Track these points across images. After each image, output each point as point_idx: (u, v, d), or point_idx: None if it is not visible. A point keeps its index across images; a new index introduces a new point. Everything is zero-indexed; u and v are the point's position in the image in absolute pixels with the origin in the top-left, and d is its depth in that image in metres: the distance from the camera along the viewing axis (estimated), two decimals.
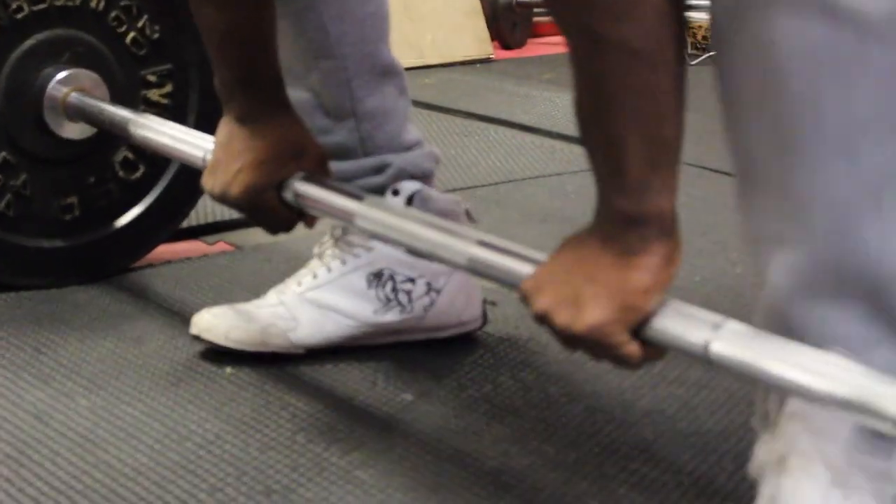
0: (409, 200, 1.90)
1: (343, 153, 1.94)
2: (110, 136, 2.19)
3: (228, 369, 1.94)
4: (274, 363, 1.95)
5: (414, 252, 1.64)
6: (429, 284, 1.97)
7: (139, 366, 1.94)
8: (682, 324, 1.31)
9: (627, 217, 1.34)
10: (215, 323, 1.96)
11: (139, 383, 1.89)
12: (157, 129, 2.02)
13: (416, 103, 3.71)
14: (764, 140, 1.22)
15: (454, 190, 2.89)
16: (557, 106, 3.69)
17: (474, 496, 1.62)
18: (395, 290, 1.96)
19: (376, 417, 1.81)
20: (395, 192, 1.90)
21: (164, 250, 2.36)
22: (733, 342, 1.26)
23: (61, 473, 1.65)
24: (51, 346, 2.00)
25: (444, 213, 1.88)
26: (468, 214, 1.98)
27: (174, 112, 2.27)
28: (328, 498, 1.60)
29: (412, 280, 1.96)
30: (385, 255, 1.95)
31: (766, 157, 1.23)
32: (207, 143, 1.88)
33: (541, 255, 1.44)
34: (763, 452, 1.33)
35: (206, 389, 1.88)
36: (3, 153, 2.18)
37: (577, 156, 3.12)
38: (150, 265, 2.33)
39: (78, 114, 2.19)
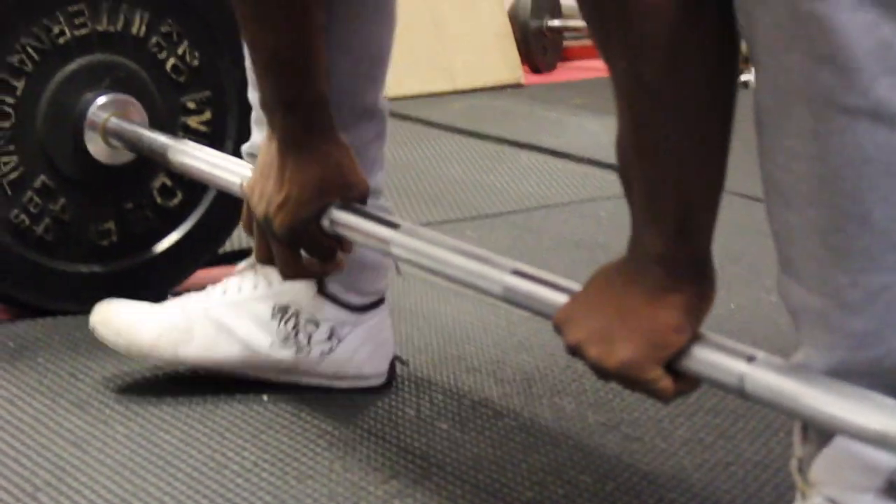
0: None
1: None
2: (149, 161, 2.19)
3: (265, 396, 1.93)
4: (311, 390, 1.94)
5: (450, 280, 1.63)
6: (332, 330, 1.94)
7: (176, 392, 1.94)
8: (717, 356, 1.30)
9: (662, 257, 1.33)
10: (113, 318, 1.93)
11: (177, 410, 1.89)
12: (196, 156, 2.02)
13: (447, 128, 3.74)
14: (808, 231, 1.20)
15: (485, 216, 2.89)
16: (589, 131, 3.69)
17: None
18: (296, 328, 1.93)
19: (412, 447, 1.80)
20: None
21: (201, 276, 2.36)
22: (768, 375, 1.26)
23: (100, 501, 1.64)
24: (88, 373, 2.00)
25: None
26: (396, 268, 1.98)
27: (212, 139, 2.27)
28: None
29: (316, 323, 1.93)
30: (296, 291, 1.92)
31: (810, 247, 1.21)
32: (245, 170, 1.88)
33: (575, 286, 1.43)
34: None
35: (244, 417, 1.87)
36: (43, 177, 2.18)
37: (609, 182, 3.11)
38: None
39: (117, 139, 2.19)
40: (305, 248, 1.76)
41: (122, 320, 1.93)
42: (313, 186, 1.72)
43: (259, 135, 1.93)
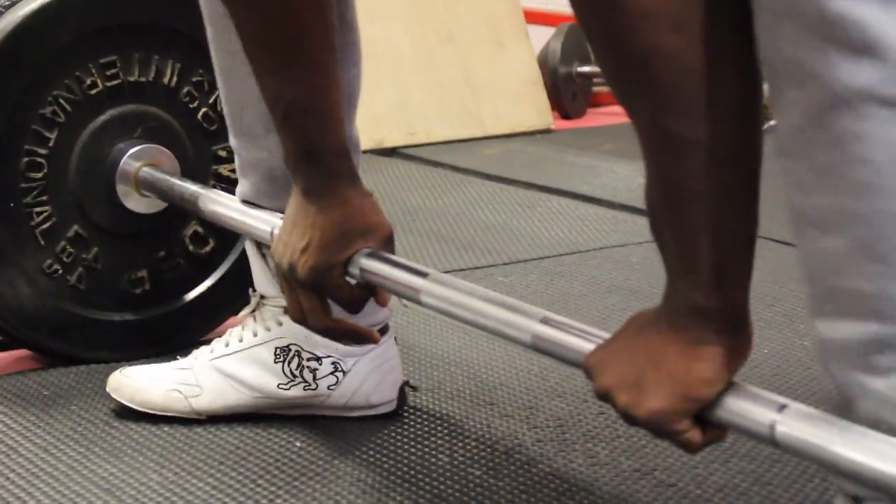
0: None
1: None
2: (181, 210, 2.19)
3: (298, 443, 1.93)
4: (342, 438, 1.95)
5: (479, 328, 1.62)
6: (335, 364, 1.96)
7: (208, 440, 1.94)
8: (748, 405, 1.30)
9: (697, 308, 1.32)
10: (126, 383, 1.98)
11: (208, 457, 1.89)
12: (227, 205, 2.03)
13: (478, 174, 3.75)
14: (850, 250, 1.18)
15: (517, 262, 2.89)
16: (619, 176, 3.69)
17: None
18: (300, 366, 1.96)
19: (446, 493, 1.80)
20: None
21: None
22: (799, 424, 1.25)
23: None
24: (121, 420, 2.00)
25: None
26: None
27: None
28: None
29: (318, 359, 1.95)
30: (294, 332, 1.94)
31: (855, 268, 1.18)
32: (276, 218, 1.88)
33: (605, 334, 1.43)
34: None
35: (276, 464, 1.87)
36: (76, 227, 2.19)
37: (641, 227, 3.11)
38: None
39: (149, 188, 2.20)
40: (330, 294, 1.76)
41: (132, 384, 1.98)
42: (335, 229, 1.72)
43: (245, 182, 1.97)
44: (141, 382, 1.98)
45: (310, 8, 1.69)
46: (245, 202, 1.96)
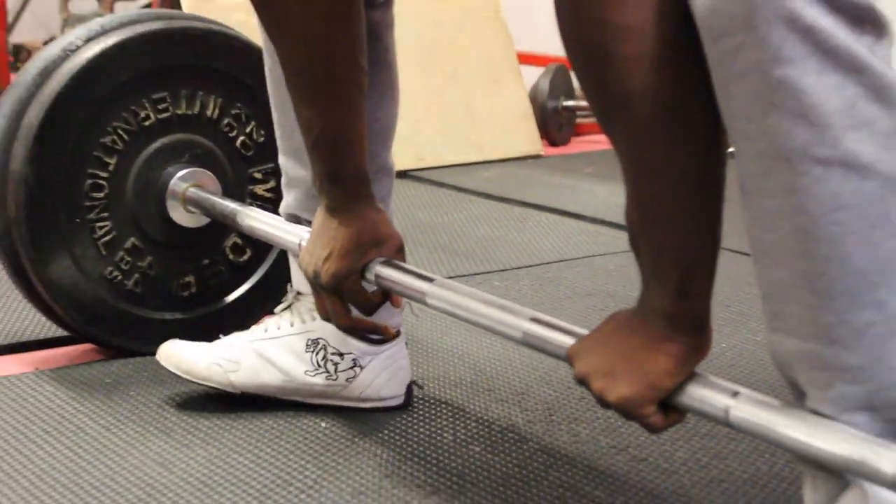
0: None
1: None
2: (222, 224, 2.21)
3: (324, 423, 1.95)
4: (361, 420, 1.96)
5: (476, 326, 1.64)
6: (354, 360, 1.96)
7: (247, 422, 1.95)
8: (706, 392, 1.31)
9: (665, 312, 1.33)
10: (175, 353, 1.99)
11: (247, 436, 1.90)
12: (261, 220, 2.04)
13: (478, 193, 3.75)
14: (796, 282, 1.19)
15: (511, 269, 2.90)
16: (598, 196, 3.69)
17: None
18: (325, 358, 1.96)
19: (450, 467, 1.81)
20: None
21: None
22: (749, 408, 1.27)
23: None
24: (172, 404, 2.01)
25: None
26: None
27: (276, 204, 2.26)
28: None
29: (341, 354, 1.96)
30: (324, 328, 1.95)
31: (799, 297, 1.19)
32: (303, 232, 1.90)
33: (584, 331, 1.44)
34: None
35: (306, 441, 1.89)
36: (132, 239, 2.21)
37: (617, 239, 3.12)
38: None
39: (195, 206, 2.21)
40: (348, 298, 1.78)
41: (180, 355, 1.99)
42: (353, 241, 1.75)
43: (289, 196, 1.97)
44: (187, 354, 1.98)
45: (342, 52, 1.70)
46: (290, 216, 1.97)
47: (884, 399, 1.20)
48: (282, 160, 1.97)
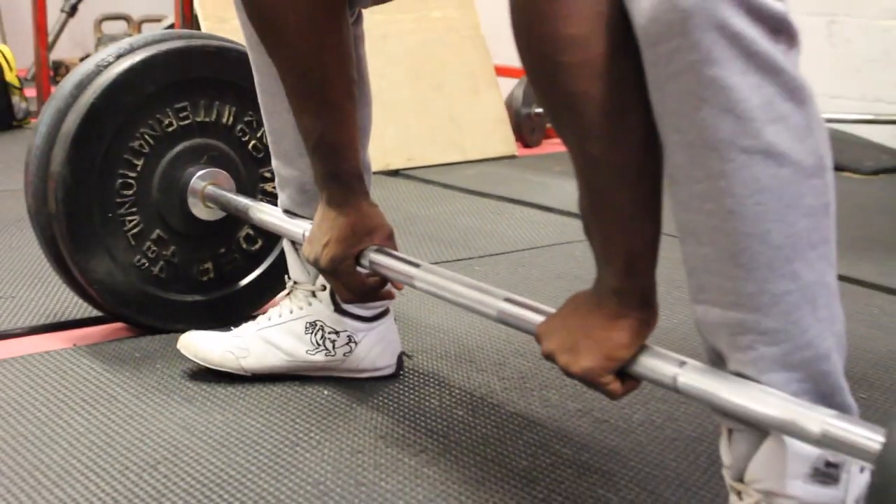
0: None
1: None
2: (236, 218, 2.20)
3: (326, 391, 1.95)
4: (358, 389, 1.96)
5: (457, 305, 1.65)
6: (349, 337, 1.96)
7: (258, 391, 1.95)
8: (657, 362, 1.33)
9: (616, 290, 1.34)
10: (193, 343, 1.99)
11: (259, 403, 1.90)
12: (271, 214, 2.04)
13: (461, 189, 3.74)
14: (720, 258, 1.21)
15: (489, 255, 2.90)
16: (566, 191, 3.68)
17: (510, 487, 1.62)
18: (323, 338, 1.96)
19: (437, 428, 1.82)
20: None
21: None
22: (694, 376, 1.28)
23: (204, 471, 1.66)
24: (193, 375, 2.01)
25: None
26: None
27: None
28: (403, 488, 1.61)
29: (337, 333, 1.95)
30: (320, 311, 1.95)
31: (722, 270, 1.21)
32: (306, 223, 1.91)
33: (552, 310, 1.45)
34: None
35: (310, 406, 1.89)
36: (158, 231, 2.20)
37: (581, 228, 3.12)
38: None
39: (212, 201, 2.20)
40: (344, 279, 1.79)
41: (197, 345, 1.99)
42: (348, 230, 1.77)
43: (283, 195, 1.98)
44: (204, 343, 1.99)
45: (337, 66, 1.71)
46: (286, 211, 1.98)
47: (798, 358, 1.22)
48: (274, 163, 1.97)
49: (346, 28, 1.72)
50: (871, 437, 1.11)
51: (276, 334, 1.98)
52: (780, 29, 1.16)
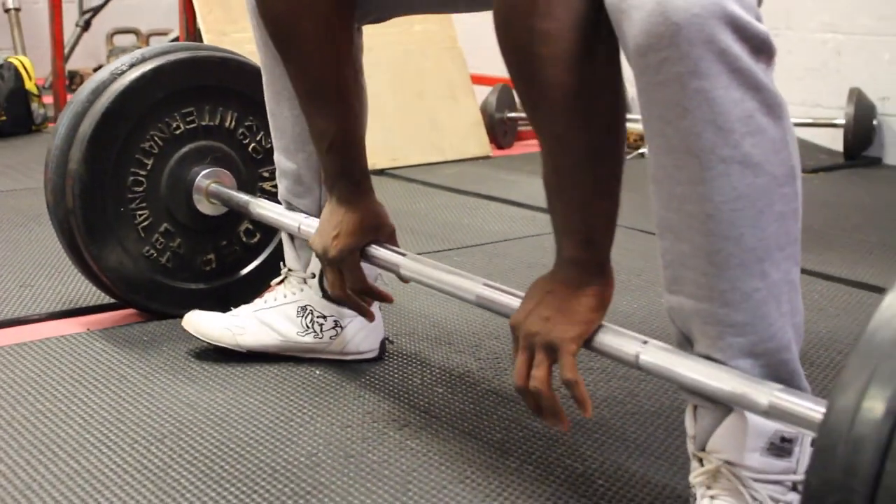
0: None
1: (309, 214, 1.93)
2: (237, 213, 2.19)
3: (317, 371, 1.94)
4: (347, 369, 1.95)
5: (439, 291, 1.64)
6: (335, 322, 1.95)
7: (255, 371, 1.94)
8: (621, 340, 1.33)
9: (577, 261, 1.34)
10: (195, 320, 1.99)
11: (257, 380, 1.90)
12: (269, 209, 2.03)
13: (441, 187, 3.73)
14: (697, 255, 1.21)
15: (467, 247, 2.89)
16: (536, 188, 3.65)
17: (486, 458, 1.62)
18: (312, 321, 1.95)
19: (420, 404, 1.81)
20: None
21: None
22: (656, 354, 1.28)
23: (207, 444, 1.65)
24: (197, 357, 2.00)
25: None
26: (380, 277, 1.97)
27: None
28: (388, 459, 1.60)
29: (324, 317, 1.94)
30: (310, 297, 1.95)
31: (698, 267, 1.21)
32: (301, 217, 1.90)
33: (523, 294, 1.44)
34: (695, 477, 1.32)
35: (304, 385, 1.88)
36: (165, 224, 2.19)
37: (549, 221, 3.11)
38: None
39: (216, 198, 2.19)
40: (347, 271, 1.78)
41: (199, 322, 1.98)
42: (356, 225, 1.76)
43: (281, 185, 1.96)
44: (205, 322, 1.98)
45: (348, 72, 1.71)
46: (286, 204, 1.96)
47: (762, 348, 1.22)
48: (276, 156, 1.95)
49: (355, 37, 1.72)
50: (814, 409, 1.12)
51: (271, 315, 1.96)
52: (762, 48, 1.16)
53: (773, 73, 1.18)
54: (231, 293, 2.26)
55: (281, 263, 2.01)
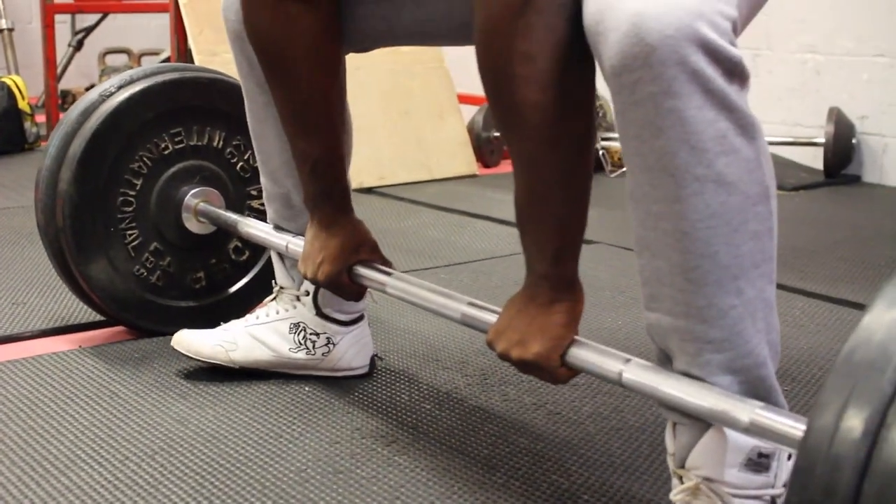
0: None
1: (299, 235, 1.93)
2: (226, 231, 2.19)
3: (307, 388, 1.93)
4: (336, 386, 1.95)
5: (424, 309, 1.64)
6: (328, 339, 1.95)
7: (246, 388, 1.94)
8: (605, 358, 1.33)
9: (547, 277, 1.36)
10: (185, 339, 1.97)
11: (247, 397, 1.89)
12: (256, 228, 2.03)
13: (427, 205, 3.73)
14: (673, 272, 1.21)
15: (454, 264, 2.89)
16: None
17: (473, 473, 1.61)
18: (305, 338, 1.94)
19: (408, 421, 1.81)
20: None
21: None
22: (638, 372, 1.28)
23: (196, 460, 1.65)
24: (187, 374, 2.00)
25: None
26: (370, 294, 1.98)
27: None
28: (377, 475, 1.60)
29: (317, 334, 1.94)
30: (303, 314, 1.94)
31: (675, 283, 1.22)
32: (288, 236, 1.91)
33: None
34: (675, 494, 1.32)
35: (293, 401, 1.88)
36: (155, 243, 2.18)
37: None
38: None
39: (204, 217, 2.19)
40: (340, 292, 1.79)
41: (190, 340, 1.97)
42: (339, 249, 1.76)
43: (270, 209, 1.96)
44: (196, 339, 1.96)
45: (335, 95, 1.71)
46: (275, 226, 1.96)
47: (740, 364, 1.23)
48: (262, 180, 1.95)
49: (344, 59, 1.72)
50: (794, 426, 1.12)
51: (263, 331, 1.96)
52: (735, 71, 1.16)
53: (747, 96, 1.18)
54: (221, 310, 2.25)
55: (273, 282, 2.00)
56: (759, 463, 1.26)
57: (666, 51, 1.12)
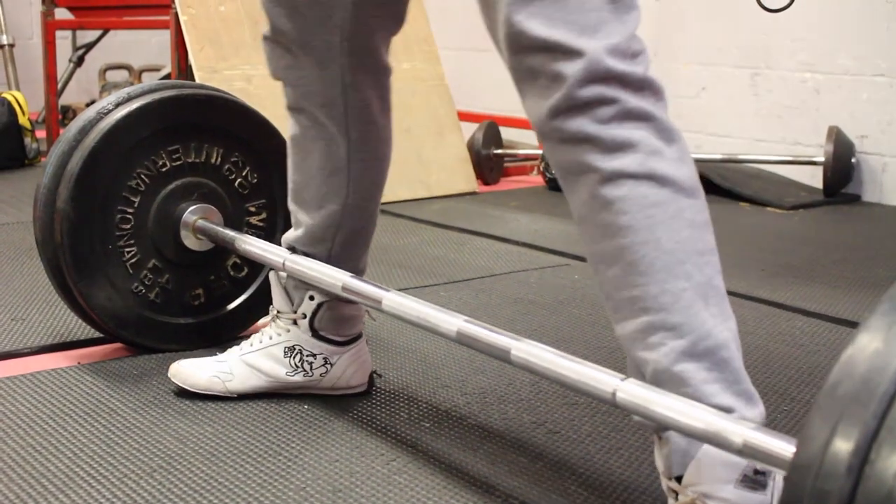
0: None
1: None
2: (224, 248, 2.18)
3: (305, 406, 1.93)
4: (334, 404, 1.94)
5: (419, 327, 1.65)
6: (325, 359, 1.94)
7: (244, 407, 1.93)
8: (598, 379, 1.33)
9: None
10: (181, 371, 1.97)
11: (246, 414, 1.89)
12: (255, 245, 2.03)
13: (427, 222, 3.74)
14: (622, 270, 1.31)
15: (454, 282, 2.89)
16: (522, 223, 3.68)
17: (472, 493, 1.61)
18: (301, 360, 1.94)
19: (407, 439, 1.80)
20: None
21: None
22: (631, 391, 1.29)
23: (195, 478, 1.64)
24: (187, 392, 1.98)
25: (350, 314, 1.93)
26: (368, 313, 2.00)
27: (267, 232, 2.27)
28: (376, 494, 1.60)
29: (314, 355, 1.94)
30: (298, 336, 1.93)
31: (626, 281, 1.31)
32: (285, 253, 1.91)
33: (503, 332, 1.48)
34: None
35: (291, 419, 1.87)
36: (153, 260, 2.18)
37: (536, 257, 3.12)
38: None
39: (203, 234, 2.18)
40: None
41: (185, 371, 1.97)
42: None
43: (296, 231, 1.93)
44: (191, 370, 1.96)
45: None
46: (288, 245, 1.93)
47: (702, 348, 1.29)
48: (292, 206, 1.90)
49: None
50: (785, 448, 1.13)
51: (258, 358, 1.95)
52: (643, 87, 1.31)
53: (665, 105, 1.33)
54: (220, 327, 2.25)
55: (270, 307, 2.00)
56: (755, 480, 1.27)
57: (580, 89, 1.30)
